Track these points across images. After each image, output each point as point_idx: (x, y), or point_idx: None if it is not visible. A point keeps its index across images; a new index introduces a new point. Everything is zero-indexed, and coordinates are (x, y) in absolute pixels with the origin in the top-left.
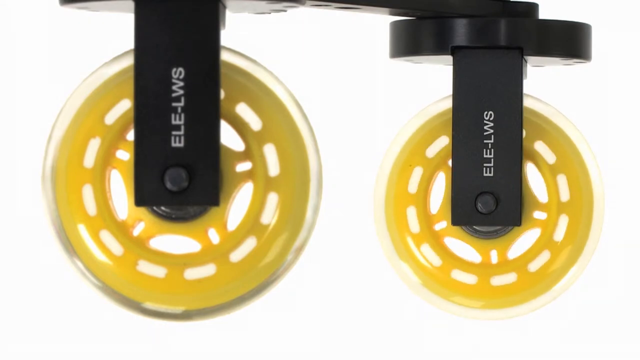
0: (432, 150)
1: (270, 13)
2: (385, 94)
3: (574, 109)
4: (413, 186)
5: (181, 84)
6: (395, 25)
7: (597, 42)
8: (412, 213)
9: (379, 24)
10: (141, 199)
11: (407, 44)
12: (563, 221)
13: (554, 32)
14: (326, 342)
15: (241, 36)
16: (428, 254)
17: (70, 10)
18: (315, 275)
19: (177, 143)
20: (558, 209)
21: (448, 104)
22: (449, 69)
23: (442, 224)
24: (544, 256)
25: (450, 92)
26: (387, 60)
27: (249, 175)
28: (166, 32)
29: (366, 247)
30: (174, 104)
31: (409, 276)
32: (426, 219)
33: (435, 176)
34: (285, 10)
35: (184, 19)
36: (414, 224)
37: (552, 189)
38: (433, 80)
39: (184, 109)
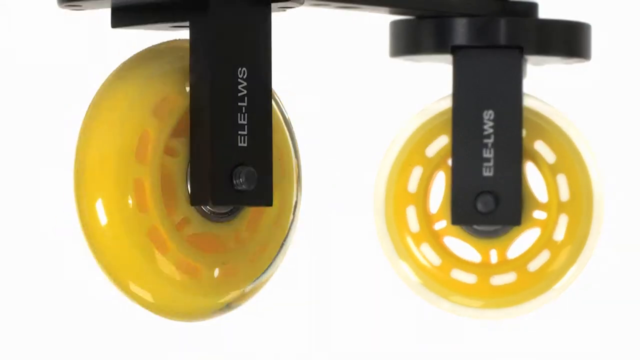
0: (432, 149)
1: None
2: (385, 93)
3: (574, 108)
4: (413, 185)
5: (245, 83)
6: (395, 25)
7: (597, 42)
8: (411, 212)
9: (379, 24)
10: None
11: (407, 43)
12: (563, 221)
13: (553, 31)
14: (326, 342)
15: None
16: (428, 254)
17: (69, 10)
18: (315, 275)
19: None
20: (558, 208)
21: (448, 103)
22: (449, 68)
23: (442, 224)
24: (544, 256)
25: (450, 91)
26: (387, 59)
27: None
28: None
29: (366, 247)
30: (239, 104)
31: (409, 275)
32: (426, 219)
33: (435, 175)
34: (284, 10)
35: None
36: (414, 224)
37: (552, 188)
38: (433, 79)
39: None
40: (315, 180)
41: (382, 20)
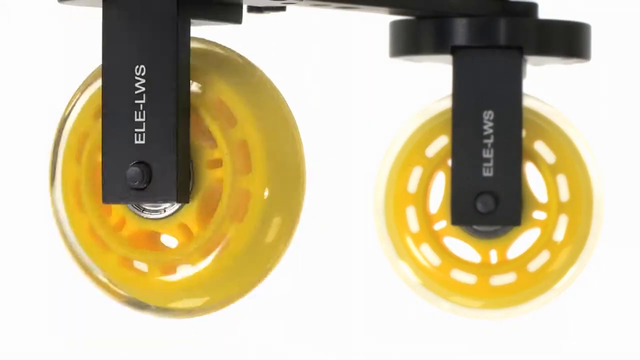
0: (432, 149)
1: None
2: (385, 93)
3: (574, 108)
4: (413, 186)
5: (143, 80)
6: (395, 25)
7: (597, 42)
8: (411, 212)
9: (379, 24)
10: None
11: (407, 43)
12: (563, 221)
13: (553, 31)
14: (325, 342)
15: (240, 36)
16: (427, 254)
17: (69, 7)
18: (315, 275)
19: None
20: (558, 208)
21: (448, 103)
22: (449, 68)
23: (442, 224)
24: (544, 256)
25: (450, 91)
26: (387, 59)
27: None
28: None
29: (366, 247)
30: (136, 101)
31: (409, 276)
32: (426, 219)
33: (435, 176)
34: (284, 9)
35: (147, 17)
36: (414, 224)
37: (552, 188)
38: (433, 79)
39: (144, 106)
40: (316, 180)
41: (382, 20)
